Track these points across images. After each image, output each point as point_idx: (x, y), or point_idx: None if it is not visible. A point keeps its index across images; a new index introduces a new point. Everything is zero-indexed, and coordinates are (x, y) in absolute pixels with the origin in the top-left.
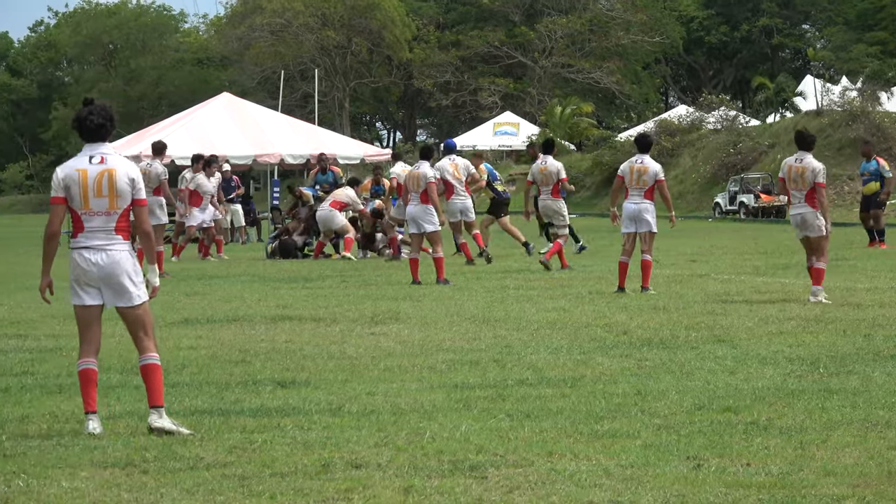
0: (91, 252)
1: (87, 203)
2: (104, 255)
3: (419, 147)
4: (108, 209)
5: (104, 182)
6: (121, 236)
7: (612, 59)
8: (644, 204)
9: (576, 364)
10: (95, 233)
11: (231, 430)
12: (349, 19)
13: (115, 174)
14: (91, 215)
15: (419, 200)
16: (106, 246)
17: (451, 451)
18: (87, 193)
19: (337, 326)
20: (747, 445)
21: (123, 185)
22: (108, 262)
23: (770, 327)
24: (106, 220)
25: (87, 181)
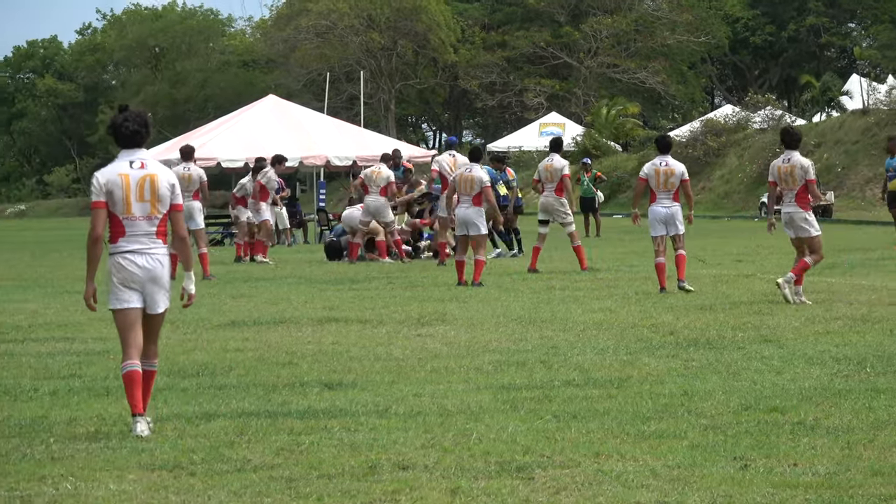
0: (135, 255)
1: (129, 208)
2: (148, 259)
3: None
4: (149, 214)
5: (146, 187)
6: (161, 240)
7: (657, 59)
8: (675, 207)
9: (622, 365)
10: (138, 237)
11: (278, 431)
12: (395, 21)
13: (157, 179)
14: (133, 220)
15: (471, 203)
16: (148, 249)
17: (498, 452)
18: (130, 198)
19: (383, 328)
20: (794, 446)
21: (164, 191)
22: (153, 266)
23: (816, 327)
24: (148, 224)
25: (130, 186)
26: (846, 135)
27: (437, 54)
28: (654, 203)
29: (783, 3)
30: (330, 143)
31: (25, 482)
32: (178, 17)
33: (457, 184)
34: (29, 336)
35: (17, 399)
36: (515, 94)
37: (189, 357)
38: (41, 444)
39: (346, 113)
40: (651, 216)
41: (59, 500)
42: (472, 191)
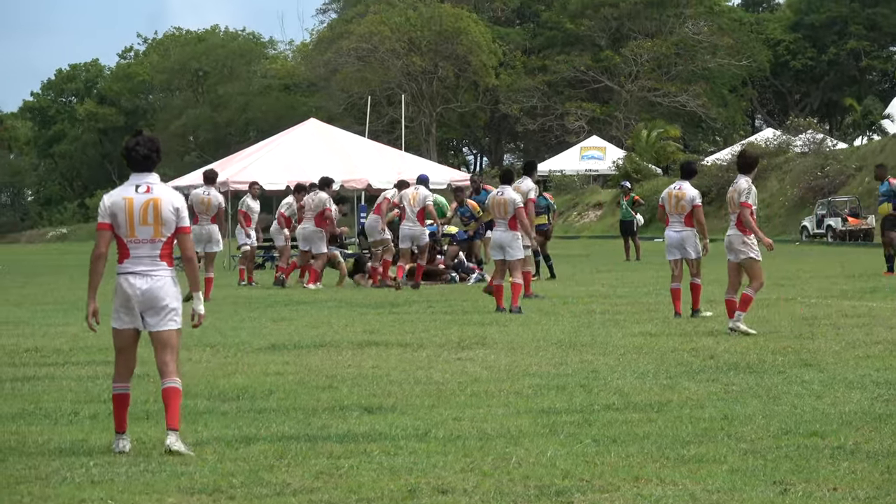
0: (136, 277)
1: (132, 230)
2: (148, 280)
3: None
4: (152, 237)
5: (149, 211)
6: (165, 262)
7: (698, 82)
8: (686, 231)
9: (662, 389)
10: (141, 259)
11: (318, 455)
12: (436, 45)
13: (160, 203)
14: (136, 242)
15: (507, 227)
16: (150, 272)
17: (538, 476)
18: (133, 221)
19: (424, 352)
20: (834, 470)
21: (168, 214)
22: (152, 287)
23: (857, 351)
24: (151, 247)
25: (133, 209)
26: (887, 158)
27: (477, 78)
28: (667, 227)
29: (824, 27)
30: (371, 167)
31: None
32: (220, 41)
33: (490, 207)
34: (69, 360)
35: (58, 422)
36: (556, 118)
37: (229, 381)
38: (81, 468)
39: (387, 136)
40: (666, 240)
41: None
42: (506, 214)
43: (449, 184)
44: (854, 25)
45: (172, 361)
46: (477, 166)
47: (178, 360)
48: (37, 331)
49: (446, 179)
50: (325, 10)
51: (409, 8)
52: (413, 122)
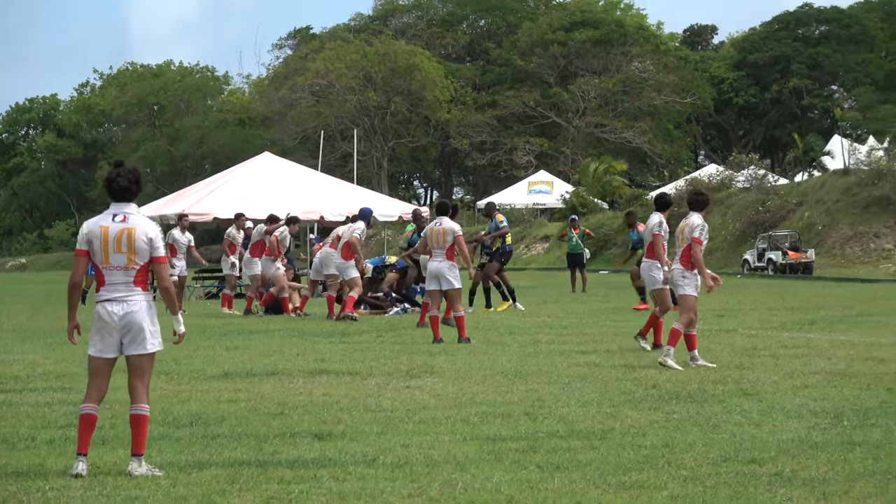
0: (112, 304)
1: (107, 258)
2: (124, 306)
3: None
4: (126, 265)
5: (123, 239)
6: (140, 288)
7: (644, 118)
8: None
9: (605, 417)
10: (116, 286)
11: (268, 480)
12: (390, 80)
13: (134, 233)
14: (111, 269)
15: (444, 257)
16: (125, 297)
17: (483, 501)
18: (108, 249)
19: (373, 380)
20: (771, 497)
21: (141, 244)
22: (128, 312)
23: (795, 381)
24: (125, 273)
25: (108, 238)
26: (827, 194)
27: (429, 112)
28: None
29: (767, 66)
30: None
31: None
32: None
33: (428, 238)
34: (27, 386)
35: (15, 448)
36: (505, 153)
37: (183, 407)
38: (38, 492)
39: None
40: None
41: None
42: (444, 244)
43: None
44: (796, 64)
45: (143, 387)
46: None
47: (148, 387)
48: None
49: (397, 213)
50: (281, 45)
51: (364, 44)
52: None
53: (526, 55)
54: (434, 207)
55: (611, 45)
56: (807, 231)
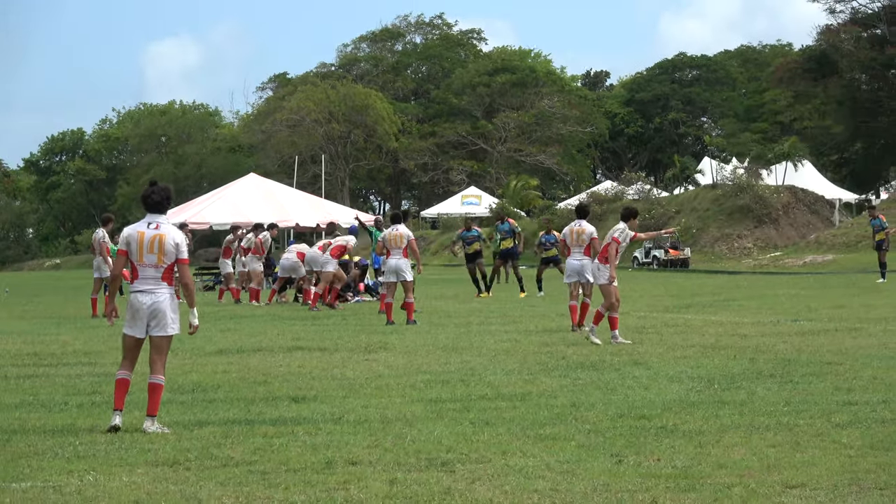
0: (143, 295)
1: (141, 257)
2: (152, 297)
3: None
4: (156, 263)
5: (155, 243)
6: (166, 283)
7: (553, 144)
8: (585, 260)
9: (524, 382)
10: (147, 280)
11: (255, 435)
12: (349, 116)
13: (165, 238)
14: (144, 266)
15: (401, 255)
16: (154, 289)
17: (427, 451)
18: (143, 250)
19: (338, 354)
20: (658, 445)
21: (169, 247)
22: (154, 302)
23: (676, 353)
24: (155, 270)
25: (143, 241)
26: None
27: (381, 141)
28: (569, 256)
29: (650, 102)
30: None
31: (57, 475)
32: (180, 112)
33: (387, 241)
34: (61, 361)
35: (51, 410)
36: (443, 172)
37: (186, 378)
38: (69, 446)
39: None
40: (567, 267)
41: (83, 490)
42: (401, 244)
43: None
44: (674, 101)
45: (160, 362)
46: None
47: (166, 362)
48: (36, 339)
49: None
50: (264, 88)
51: (329, 87)
52: (331, 176)
53: (459, 95)
54: (389, 217)
55: (526, 86)
56: (684, 233)
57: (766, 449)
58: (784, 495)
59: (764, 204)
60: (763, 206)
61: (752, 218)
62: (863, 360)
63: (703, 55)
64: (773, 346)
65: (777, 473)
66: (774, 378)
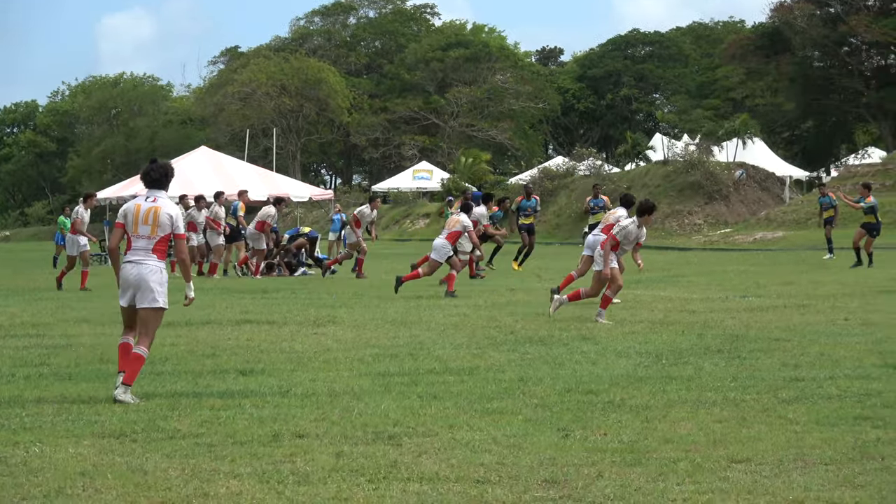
0: (132, 265)
1: (136, 228)
2: (140, 268)
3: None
4: (149, 234)
5: (150, 215)
6: (156, 255)
7: (505, 120)
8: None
9: (473, 357)
10: (138, 251)
11: (202, 408)
12: (302, 90)
13: (160, 211)
14: (137, 238)
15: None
16: (142, 261)
17: (374, 424)
18: (138, 221)
19: (287, 328)
20: (605, 419)
21: (164, 219)
22: (141, 272)
23: (624, 328)
24: (147, 242)
25: (139, 213)
26: (651, 180)
27: (334, 116)
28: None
29: (602, 78)
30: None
31: (2, 447)
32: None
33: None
34: (9, 333)
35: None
36: (394, 147)
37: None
38: (16, 417)
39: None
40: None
41: (28, 461)
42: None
43: (310, 197)
44: (626, 77)
45: (145, 335)
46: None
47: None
48: None
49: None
50: (216, 62)
51: (282, 61)
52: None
53: (411, 70)
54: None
55: (479, 61)
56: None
57: (712, 424)
58: (729, 470)
59: (715, 180)
60: (714, 183)
61: (703, 194)
62: (810, 336)
63: (656, 31)
64: (722, 321)
65: (723, 448)
66: (722, 354)
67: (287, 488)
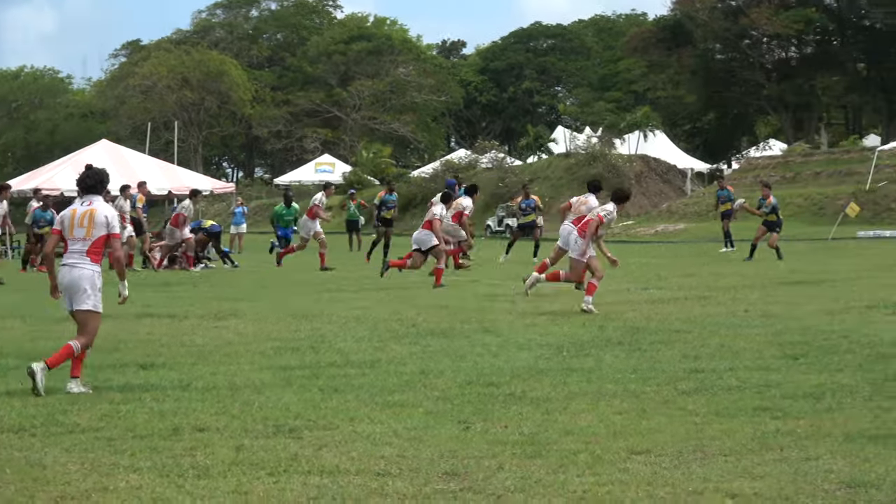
0: (66, 268)
1: (72, 232)
2: (73, 271)
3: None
4: (84, 236)
5: (86, 217)
6: (90, 258)
7: (407, 113)
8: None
9: (374, 350)
10: (73, 254)
11: (102, 402)
12: (204, 82)
13: (95, 212)
14: (73, 240)
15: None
16: (77, 264)
17: (275, 417)
18: (73, 225)
19: (188, 321)
20: (505, 412)
21: (100, 219)
22: (73, 276)
23: (526, 320)
24: (82, 244)
25: (75, 216)
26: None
27: (236, 108)
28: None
29: (505, 71)
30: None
31: None
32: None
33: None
34: None
35: None
36: (297, 140)
37: (35, 345)
38: None
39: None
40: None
41: None
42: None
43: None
44: (528, 70)
45: (83, 334)
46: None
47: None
48: None
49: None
50: (117, 55)
51: (183, 53)
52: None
53: (314, 63)
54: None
55: (381, 54)
56: None
57: (612, 416)
58: (629, 461)
59: (616, 173)
60: (616, 175)
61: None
62: (710, 328)
63: (559, 24)
64: (623, 313)
65: (623, 440)
66: (623, 346)
67: (187, 482)
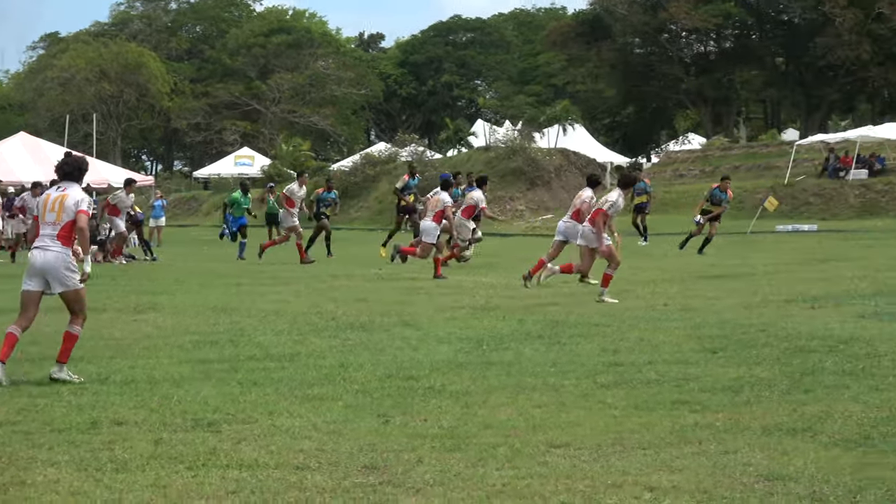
0: (38, 251)
1: (44, 216)
2: (45, 254)
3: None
4: (54, 221)
5: (57, 203)
6: (60, 241)
7: (327, 106)
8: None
9: (294, 343)
10: (44, 237)
11: (20, 396)
12: (122, 75)
13: (66, 198)
14: (45, 224)
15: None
16: (48, 246)
17: (193, 411)
18: (45, 210)
19: (106, 314)
20: (425, 405)
21: (70, 205)
22: (46, 259)
23: (446, 314)
24: (52, 228)
25: (48, 202)
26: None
27: (154, 101)
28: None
29: (425, 65)
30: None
31: None
32: None
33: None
34: None
35: None
36: (216, 133)
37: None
38: None
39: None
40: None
41: None
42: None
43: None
44: (448, 63)
45: (74, 315)
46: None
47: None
48: None
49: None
50: (35, 47)
51: (101, 46)
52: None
53: (233, 55)
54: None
55: (301, 47)
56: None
57: (531, 409)
58: (548, 454)
59: (536, 166)
60: (535, 169)
61: (525, 180)
62: (630, 321)
63: (478, 18)
64: (542, 307)
65: (542, 433)
66: (542, 339)
67: (105, 476)
